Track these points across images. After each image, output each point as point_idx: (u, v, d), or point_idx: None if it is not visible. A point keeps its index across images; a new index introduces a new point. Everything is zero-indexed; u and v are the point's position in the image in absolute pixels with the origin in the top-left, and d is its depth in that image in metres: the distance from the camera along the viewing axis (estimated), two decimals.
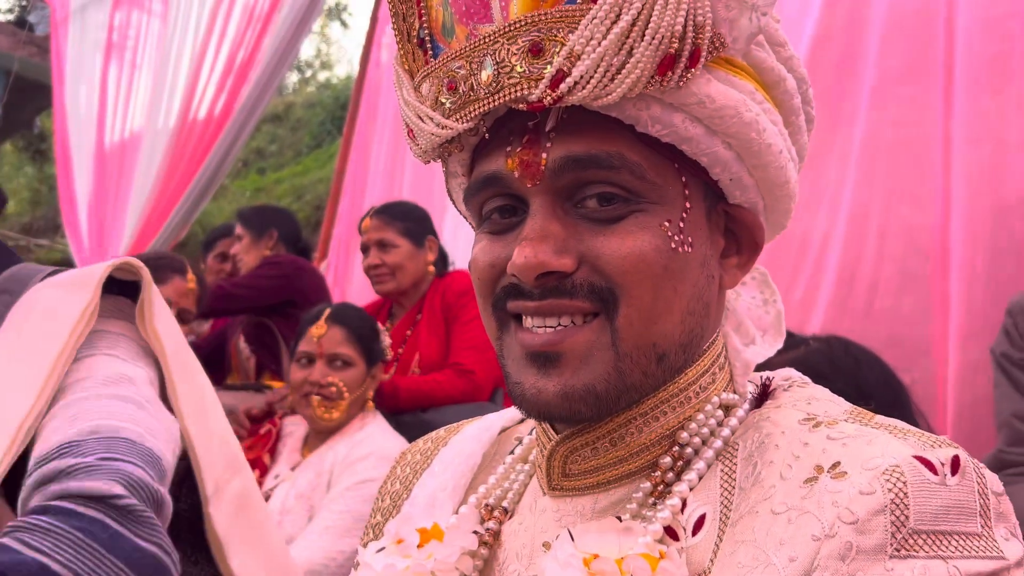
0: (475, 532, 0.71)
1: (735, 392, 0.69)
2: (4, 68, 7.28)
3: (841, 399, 0.67)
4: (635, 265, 0.61)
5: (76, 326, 1.02)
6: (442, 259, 2.67)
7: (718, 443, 0.65)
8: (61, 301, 1.04)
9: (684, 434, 0.65)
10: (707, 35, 0.58)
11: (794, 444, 0.61)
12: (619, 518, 0.63)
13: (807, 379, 0.72)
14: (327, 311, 2.21)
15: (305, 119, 9.88)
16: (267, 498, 2.09)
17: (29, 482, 0.94)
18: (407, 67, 0.66)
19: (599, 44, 0.57)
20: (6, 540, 0.87)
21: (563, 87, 0.57)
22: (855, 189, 2.34)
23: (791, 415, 0.64)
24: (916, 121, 2.27)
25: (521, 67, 0.58)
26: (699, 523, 0.62)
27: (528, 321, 0.64)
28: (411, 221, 2.60)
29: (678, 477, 0.64)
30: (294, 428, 2.31)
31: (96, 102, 5.11)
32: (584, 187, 0.62)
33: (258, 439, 2.32)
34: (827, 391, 0.69)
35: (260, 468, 2.20)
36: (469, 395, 2.37)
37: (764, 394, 0.69)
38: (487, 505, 0.74)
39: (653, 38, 0.56)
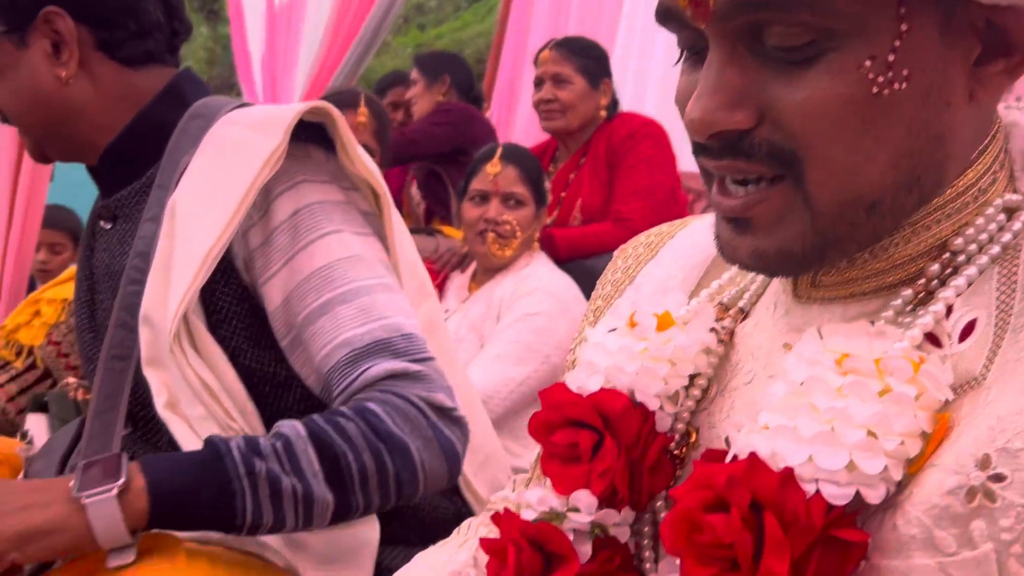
0: (712, 329, 0.67)
1: (1015, 192, 0.60)
2: None
3: None
4: (820, 122, 0.53)
5: (263, 168, 1.06)
6: (614, 104, 2.61)
7: (995, 249, 0.57)
8: (250, 142, 1.08)
9: (959, 240, 0.57)
10: None
11: None
12: (872, 323, 0.57)
13: None
14: (499, 150, 2.23)
15: None
16: None
17: (350, 372, 1.02)
18: None
19: None
20: (375, 407, 0.96)
21: None
22: None
23: None
24: None
25: None
26: (967, 330, 0.55)
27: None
28: (590, 59, 2.55)
29: (944, 284, 0.57)
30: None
31: None
32: (763, 28, 0.53)
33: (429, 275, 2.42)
34: None
35: None
36: None
37: None
38: (721, 304, 0.69)
39: None
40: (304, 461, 0.93)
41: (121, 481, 0.87)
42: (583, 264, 2.32)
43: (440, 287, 2.42)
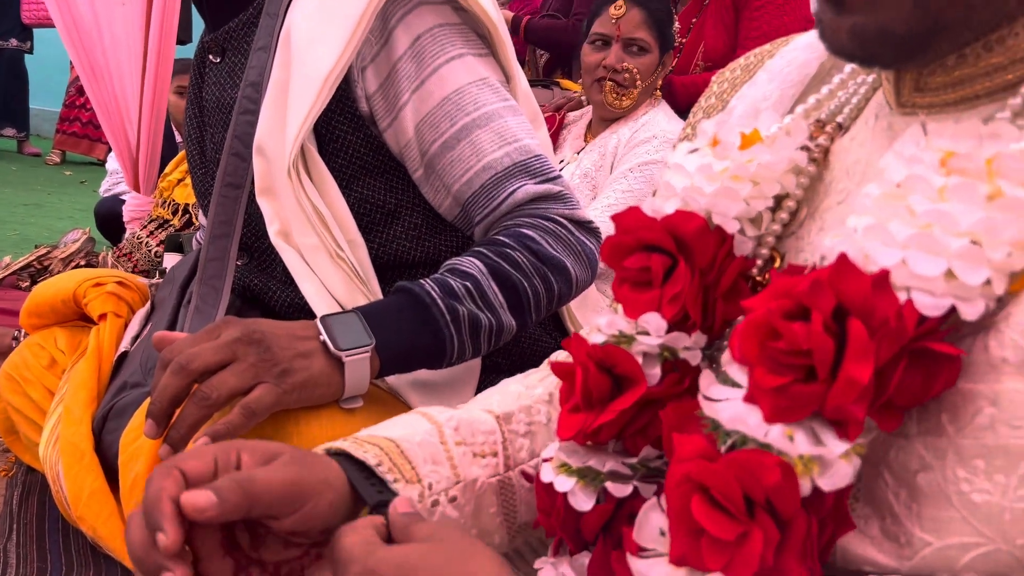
0: (803, 148, 0.62)
1: None
2: None
3: None
4: None
5: None
6: None
7: None
8: None
9: None
10: None
11: None
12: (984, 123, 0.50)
13: None
14: None
15: None
16: None
17: (499, 193, 1.06)
18: None
19: None
20: (531, 232, 1.03)
21: None
22: None
23: None
24: None
25: None
26: None
27: None
28: None
29: None
30: (577, 117, 2.32)
31: None
32: None
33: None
34: None
35: None
36: None
37: None
38: (818, 120, 0.64)
39: None
40: (491, 296, 0.99)
41: (374, 343, 0.91)
42: None
43: (555, 137, 2.37)
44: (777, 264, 0.63)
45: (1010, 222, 0.45)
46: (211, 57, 1.20)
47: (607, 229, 2.13)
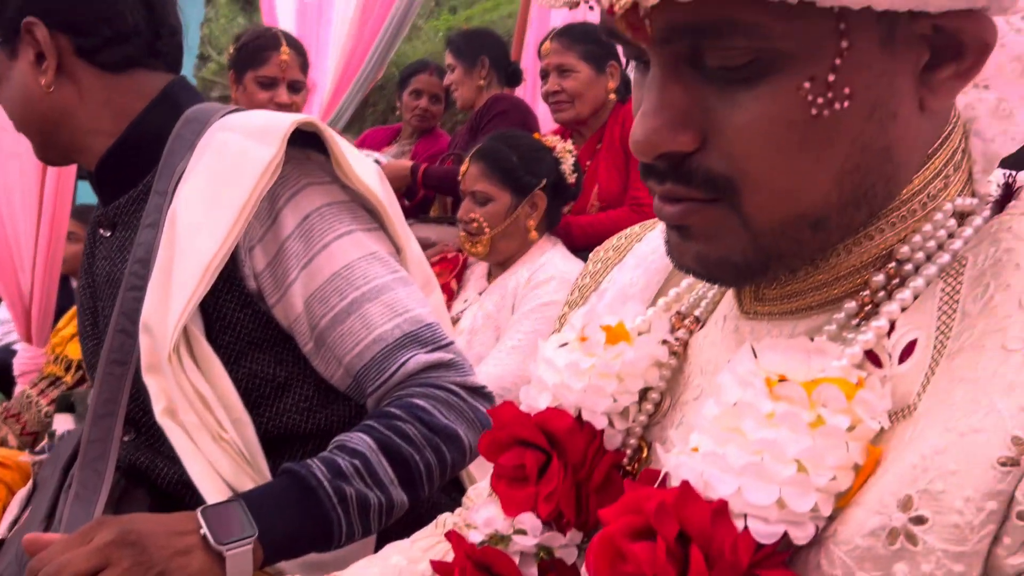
0: (665, 341, 0.65)
1: (973, 195, 0.57)
2: None
3: None
4: (761, 145, 0.51)
5: (261, 178, 1.07)
6: (624, 85, 2.56)
7: (945, 257, 0.54)
8: (249, 150, 1.09)
9: (904, 248, 0.55)
10: None
11: None
12: (812, 339, 0.54)
13: None
14: (476, 149, 2.23)
15: None
16: (456, 320, 2.20)
17: (387, 366, 1.07)
18: None
19: None
20: (422, 402, 1.04)
21: None
22: None
23: None
24: None
25: None
26: (908, 350, 0.52)
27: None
28: (592, 44, 2.50)
29: (889, 296, 0.54)
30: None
31: None
32: (703, 51, 0.51)
33: (446, 265, 2.42)
34: None
35: (448, 293, 2.31)
36: None
37: (1008, 195, 0.57)
38: (679, 313, 0.68)
39: None
40: (381, 472, 0.99)
41: (257, 533, 0.90)
42: None
43: (459, 277, 2.41)
44: (645, 454, 0.66)
45: (832, 448, 0.48)
46: (102, 231, 1.21)
47: (511, 368, 2.14)
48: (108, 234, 1.20)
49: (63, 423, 2.08)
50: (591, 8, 0.53)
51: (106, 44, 1.14)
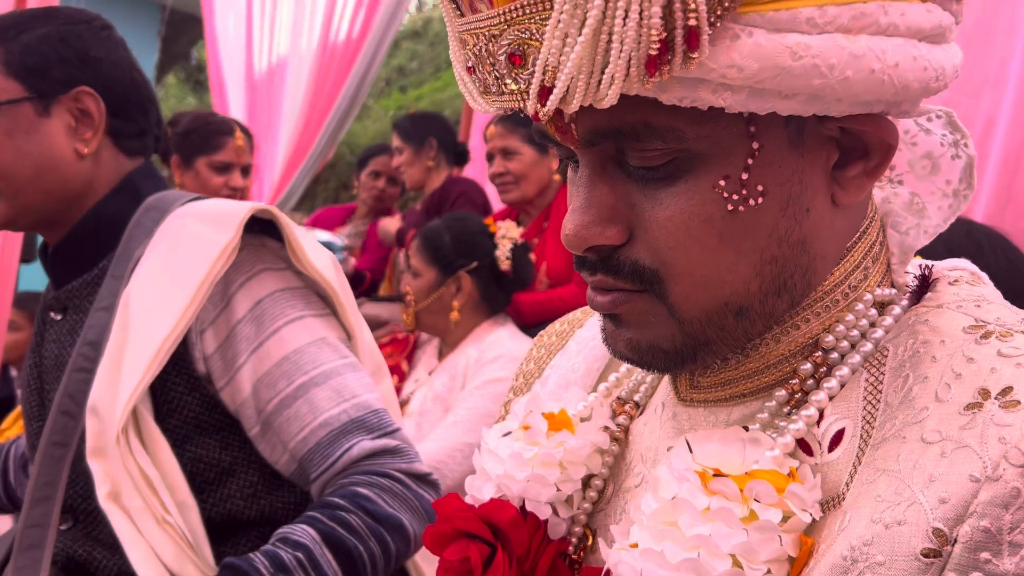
0: (606, 428, 0.67)
1: (892, 286, 0.60)
2: (160, 2, 7.63)
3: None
4: (682, 239, 0.54)
5: (216, 262, 1.08)
6: None
7: (868, 347, 0.57)
8: (204, 235, 1.10)
9: (829, 338, 0.57)
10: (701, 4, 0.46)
11: (956, 358, 0.51)
12: (746, 428, 0.57)
13: (981, 273, 0.61)
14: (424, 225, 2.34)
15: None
16: (406, 401, 2.19)
17: (330, 452, 1.07)
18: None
19: (571, 53, 0.48)
20: (366, 491, 1.03)
21: (551, 100, 0.50)
22: (1023, 68, 2.12)
23: (954, 320, 0.54)
24: None
25: (511, 81, 0.52)
26: (837, 438, 0.54)
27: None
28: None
29: (817, 385, 0.57)
30: (430, 337, 2.38)
31: (243, 30, 5.29)
32: (625, 152, 0.55)
33: (397, 346, 2.42)
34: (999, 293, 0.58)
35: (399, 374, 2.30)
36: None
37: (924, 286, 0.60)
38: (619, 398, 0.70)
39: (622, 43, 0.47)
40: (324, 564, 0.98)
41: None
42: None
43: (410, 358, 2.41)
44: (590, 542, 0.66)
45: (765, 541, 0.50)
46: (52, 314, 1.20)
47: (448, 443, 2.12)
48: (59, 317, 1.19)
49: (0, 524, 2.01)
50: (522, 116, 0.55)
51: (136, 133, 1.20)
